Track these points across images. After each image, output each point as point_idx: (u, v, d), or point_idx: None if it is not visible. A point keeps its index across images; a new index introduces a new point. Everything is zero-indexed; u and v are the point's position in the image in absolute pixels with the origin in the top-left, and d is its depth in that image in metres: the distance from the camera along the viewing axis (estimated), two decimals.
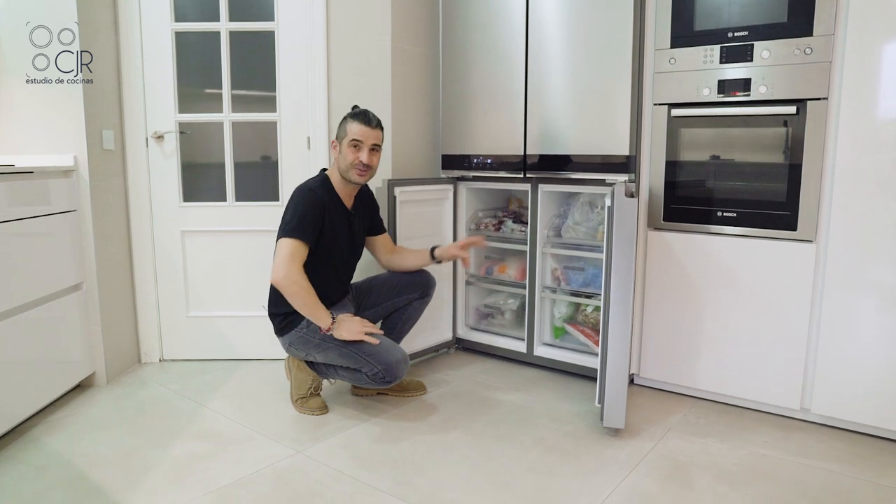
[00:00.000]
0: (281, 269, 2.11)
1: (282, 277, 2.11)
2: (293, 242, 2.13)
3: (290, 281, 2.10)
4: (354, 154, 2.23)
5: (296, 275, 2.11)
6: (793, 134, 2.13)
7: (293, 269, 2.11)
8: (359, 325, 2.18)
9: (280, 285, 2.12)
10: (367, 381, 2.21)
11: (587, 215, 2.68)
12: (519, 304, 3.00)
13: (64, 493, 1.78)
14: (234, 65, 2.74)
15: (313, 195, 2.20)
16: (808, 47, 2.06)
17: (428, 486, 1.83)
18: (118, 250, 2.69)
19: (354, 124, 2.23)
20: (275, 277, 2.12)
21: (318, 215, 2.19)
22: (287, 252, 2.12)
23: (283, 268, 2.11)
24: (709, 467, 1.94)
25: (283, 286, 2.12)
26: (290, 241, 2.13)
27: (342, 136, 2.26)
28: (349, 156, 2.23)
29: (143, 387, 2.57)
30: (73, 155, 2.43)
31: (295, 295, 2.12)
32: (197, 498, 1.76)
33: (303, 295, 2.12)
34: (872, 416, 2.09)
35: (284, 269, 2.10)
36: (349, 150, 2.23)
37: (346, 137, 2.24)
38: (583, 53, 2.45)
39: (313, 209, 2.18)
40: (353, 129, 2.23)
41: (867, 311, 2.06)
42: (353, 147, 2.23)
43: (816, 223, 2.12)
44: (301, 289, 2.11)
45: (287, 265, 2.11)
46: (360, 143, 2.23)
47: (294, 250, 2.12)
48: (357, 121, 2.24)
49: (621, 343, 2.04)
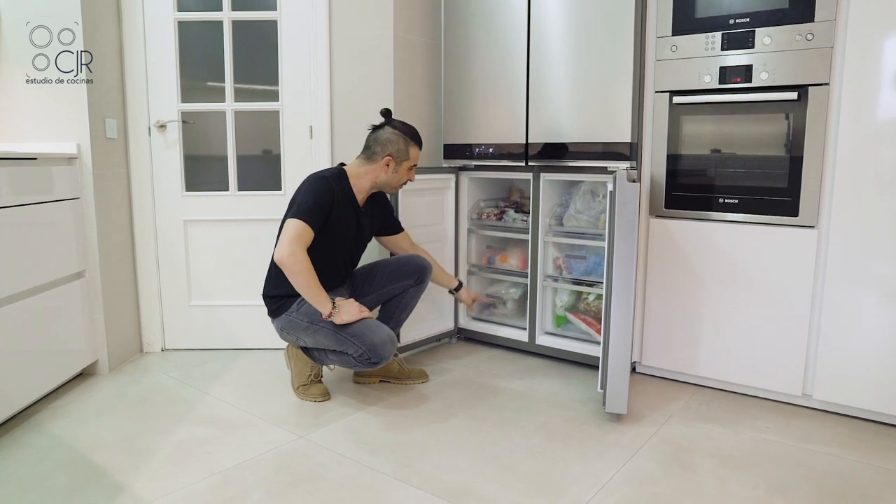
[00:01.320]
0: (286, 248, 2.10)
1: (286, 255, 2.10)
2: (301, 224, 2.13)
3: (294, 260, 2.10)
4: (410, 175, 2.38)
5: (300, 254, 2.11)
6: (794, 120, 2.13)
7: (297, 249, 2.10)
8: (356, 307, 2.18)
9: (283, 263, 2.11)
10: (355, 363, 2.21)
11: (589, 204, 2.68)
12: (521, 294, 3.00)
13: (68, 476, 1.78)
14: (237, 58, 2.75)
15: (326, 183, 2.21)
16: (809, 33, 2.07)
17: (430, 469, 1.83)
18: (121, 239, 2.70)
19: (416, 150, 2.35)
20: (279, 255, 2.11)
21: (328, 204, 2.19)
22: (294, 232, 2.12)
23: (288, 245, 2.10)
24: (711, 452, 1.94)
25: (286, 264, 2.11)
26: (298, 222, 2.13)
27: (402, 158, 2.31)
28: (404, 176, 2.36)
29: (145, 375, 2.58)
30: (76, 143, 2.44)
31: (297, 274, 2.11)
32: (200, 480, 1.76)
33: (305, 276, 2.12)
34: (875, 402, 2.09)
35: (289, 248, 2.10)
36: (407, 172, 2.36)
37: (409, 161, 2.34)
38: (584, 41, 2.45)
39: (324, 197, 2.19)
40: (415, 153, 2.35)
41: (869, 297, 2.06)
42: (411, 171, 2.37)
43: (818, 209, 2.12)
44: (304, 269, 2.11)
45: (291, 243, 2.10)
46: (416, 165, 2.37)
47: (301, 232, 2.13)
48: (418, 146, 2.36)
49: (623, 326, 2.04)
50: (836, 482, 1.77)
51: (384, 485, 1.75)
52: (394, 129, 2.31)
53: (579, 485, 1.75)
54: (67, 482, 1.75)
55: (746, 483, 1.76)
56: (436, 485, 1.74)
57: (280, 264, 2.12)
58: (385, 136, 2.30)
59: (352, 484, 1.75)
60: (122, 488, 1.72)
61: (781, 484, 1.76)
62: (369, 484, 1.75)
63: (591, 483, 1.76)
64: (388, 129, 2.31)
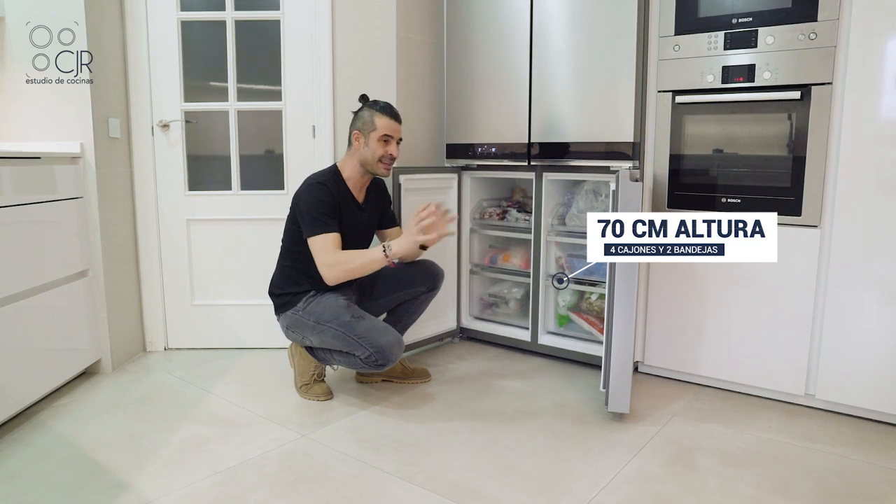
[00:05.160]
0: (325, 268, 2.16)
1: (330, 273, 2.16)
2: (319, 238, 2.16)
3: (338, 269, 2.15)
4: (384, 148, 2.27)
5: (337, 258, 2.15)
6: (797, 119, 2.13)
7: (331, 260, 2.15)
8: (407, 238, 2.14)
9: (336, 278, 2.16)
10: (361, 365, 2.21)
11: (591, 203, 2.68)
12: (523, 293, 3.00)
13: (70, 474, 1.79)
14: (240, 58, 2.75)
15: (323, 188, 2.22)
16: (812, 32, 2.07)
17: (433, 467, 1.83)
18: (124, 238, 2.71)
19: (384, 119, 2.26)
20: (327, 278, 2.17)
21: (332, 203, 2.21)
22: (319, 248, 2.16)
23: (324, 264, 2.16)
24: (713, 451, 1.94)
25: (338, 277, 2.16)
26: (316, 238, 2.17)
27: (368, 129, 2.26)
28: (378, 149, 2.26)
29: (147, 374, 2.58)
30: (79, 142, 2.44)
31: (352, 271, 2.17)
32: (203, 479, 1.76)
33: (354, 263, 2.16)
34: (878, 402, 2.09)
35: (326, 264, 2.15)
36: (378, 144, 2.26)
37: (376, 132, 2.26)
38: (587, 41, 2.45)
39: (327, 201, 2.20)
40: (382, 123, 2.26)
41: (872, 296, 2.06)
42: (383, 141, 2.27)
43: (821, 208, 2.12)
44: (349, 262, 2.16)
45: (324, 259, 2.15)
46: (391, 137, 2.28)
47: (324, 244, 2.16)
48: (386, 115, 2.27)
49: (626, 326, 2.05)
50: (839, 482, 1.77)
51: (387, 483, 1.75)
52: (363, 108, 2.31)
53: (582, 484, 1.75)
54: (70, 480, 1.75)
55: (749, 482, 1.76)
56: (438, 483, 1.74)
57: (336, 282, 2.18)
58: (355, 116, 2.32)
59: (354, 482, 1.75)
60: (125, 487, 1.72)
61: (784, 483, 1.76)
62: (372, 482, 1.75)
63: (593, 482, 1.76)
64: (360, 110, 2.32)
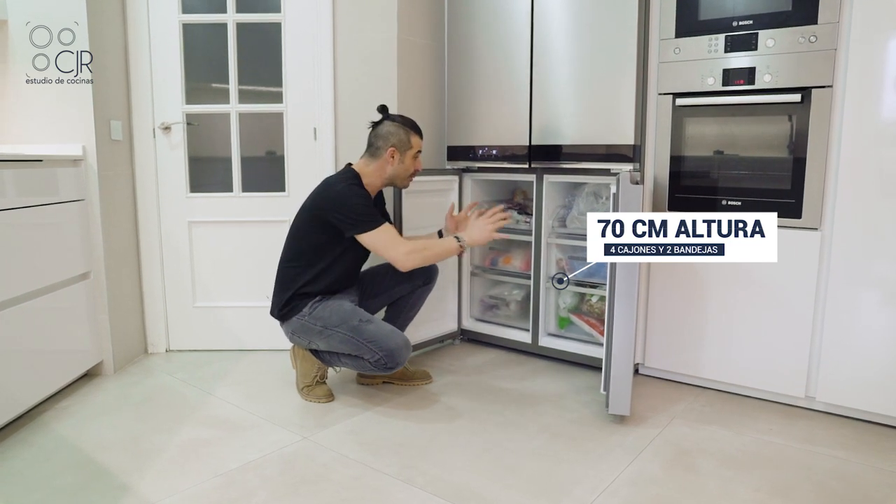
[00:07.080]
0: (404, 256, 2.19)
1: (408, 260, 2.20)
2: (381, 232, 2.20)
3: (418, 256, 2.21)
4: (417, 164, 2.38)
5: (414, 245, 2.22)
6: (797, 122, 2.13)
7: (408, 247, 2.21)
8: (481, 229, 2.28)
9: (414, 264, 2.22)
10: (370, 368, 2.22)
11: (592, 206, 2.69)
12: (524, 295, 3.01)
13: (73, 475, 1.79)
14: (241, 60, 2.76)
15: (361, 188, 2.26)
16: (812, 35, 2.07)
17: (434, 469, 1.84)
18: (125, 240, 2.71)
19: (416, 138, 2.35)
20: (404, 265, 2.21)
21: (371, 202, 2.27)
22: (388, 239, 2.21)
23: (403, 252, 2.19)
24: (714, 453, 1.95)
25: (416, 263, 2.22)
26: (377, 232, 2.19)
27: (405, 147, 2.31)
28: (411, 166, 2.36)
29: (149, 376, 2.59)
30: (81, 145, 2.45)
31: (430, 258, 2.26)
32: (204, 481, 1.77)
33: (434, 250, 2.25)
34: (878, 404, 2.09)
35: (404, 252, 2.19)
36: (412, 161, 2.35)
37: (412, 150, 2.33)
38: (588, 44, 2.46)
39: (367, 196, 2.27)
40: (416, 141, 2.35)
41: (873, 298, 2.06)
42: (417, 160, 2.37)
43: (821, 211, 2.12)
44: (428, 250, 2.24)
45: (401, 248, 2.20)
46: (419, 153, 2.38)
47: (390, 235, 2.21)
48: (418, 134, 2.36)
49: (626, 328, 2.05)
50: (839, 484, 1.77)
51: (388, 485, 1.75)
52: (392, 122, 2.33)
53: (582, 486, 1.75)
54: (73, 482, 1.76)
55: (749, 485, 1.76)
56: (439, 485, 1.75)
57: (411, 268, 2.24)
58: (385, 129, 2.32)
59: (356, 485, 1.76)
60: (127, 488, 1.72)
61: (784, 486, 1.76)
62: (373, 485, 1.76)
63: (594, 484, 1.76)
64: (387, 123, 2.33)
